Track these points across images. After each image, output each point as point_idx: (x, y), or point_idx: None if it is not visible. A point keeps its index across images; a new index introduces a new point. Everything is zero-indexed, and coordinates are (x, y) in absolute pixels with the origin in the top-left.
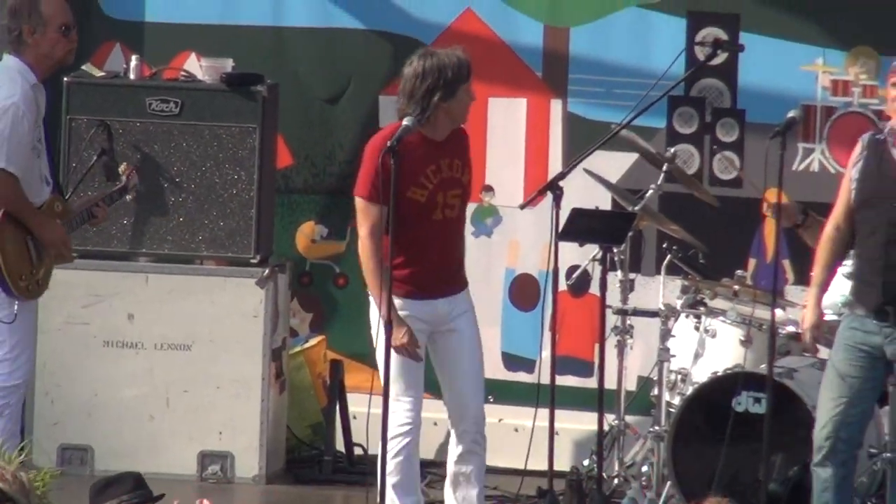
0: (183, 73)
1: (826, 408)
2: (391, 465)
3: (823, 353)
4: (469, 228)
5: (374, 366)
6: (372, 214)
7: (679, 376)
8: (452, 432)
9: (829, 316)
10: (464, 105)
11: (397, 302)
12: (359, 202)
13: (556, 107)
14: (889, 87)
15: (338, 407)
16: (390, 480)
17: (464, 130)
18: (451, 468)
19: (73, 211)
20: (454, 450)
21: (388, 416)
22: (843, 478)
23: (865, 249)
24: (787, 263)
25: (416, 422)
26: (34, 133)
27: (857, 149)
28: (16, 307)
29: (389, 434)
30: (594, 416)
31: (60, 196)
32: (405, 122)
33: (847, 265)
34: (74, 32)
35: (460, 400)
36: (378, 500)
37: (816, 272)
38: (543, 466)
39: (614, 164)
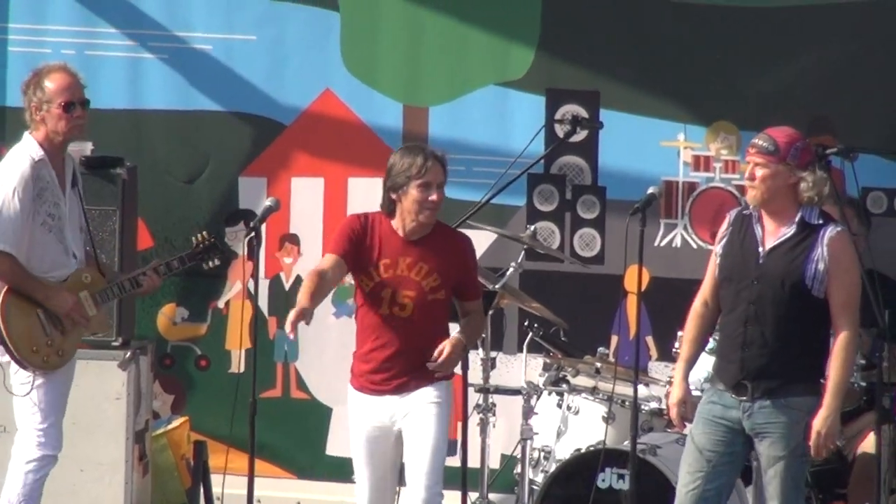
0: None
1: (684, 482)
2: None
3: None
4: (330, 309)
5: (239, 446)
6: (325, 259)
7: (542, 454)
8: None
9: (693, 392)
10: (413, 201)
11: (350, 394)
12: None
13: None
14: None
15: (202, 488)
16: None
17: (462, 239)
18: None
19: (107, 281)
20: None
21: (252, 496)
22: None
23: (726, 326)
24: (650, 340)
25: None
26: (42, 207)
27: (724, 224)
28: (32, 378)
29: None
30: (458, 494)
31: (96, 267)
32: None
33: (713, 341)
34: (79, 109)
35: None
36: None
37: (683, 348)
38: None
39: (475, 242)
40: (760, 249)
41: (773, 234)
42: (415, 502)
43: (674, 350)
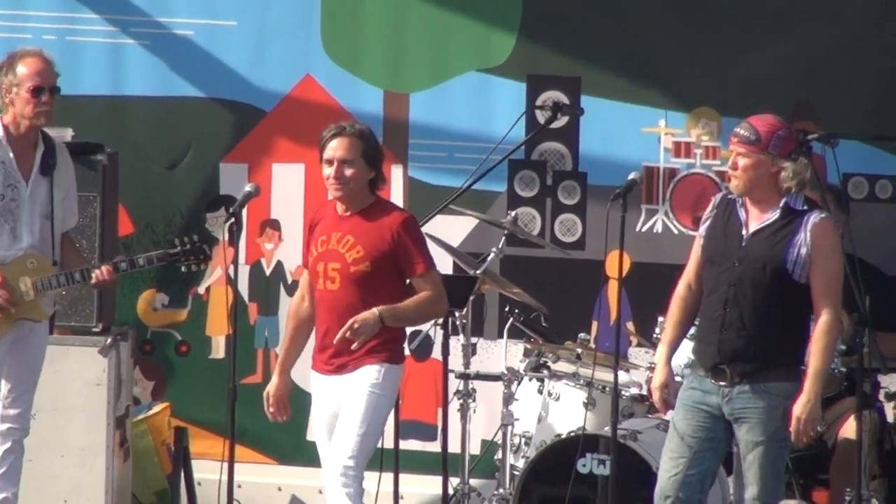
0: None
1: (666, 468)
2: None
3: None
4: None
5: (220, 432)
6: (302, 278)
7: (523, 439)
8: None
9: (675, 378)
10: (324, 177)
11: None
12: None
13: (396, 172)
14: (729, 151)
15: (182, 474)
16: None
17: (396, 213)
18: None
19: (54, 269)
20: None
21: (233, 482)
22: None
23: (707, 308)
24: (630, 325)
25: None
26: None
27: (709, 207)
28: None
29: None
30: (438, 479)
31: (51, 255)
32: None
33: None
34: (48, 95)
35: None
36: None
37: (667, 331)
38: None
39: (456, 228)
40: (744, 232)
41: (756, 218)
42: (331, 481)
43: (654, 335)
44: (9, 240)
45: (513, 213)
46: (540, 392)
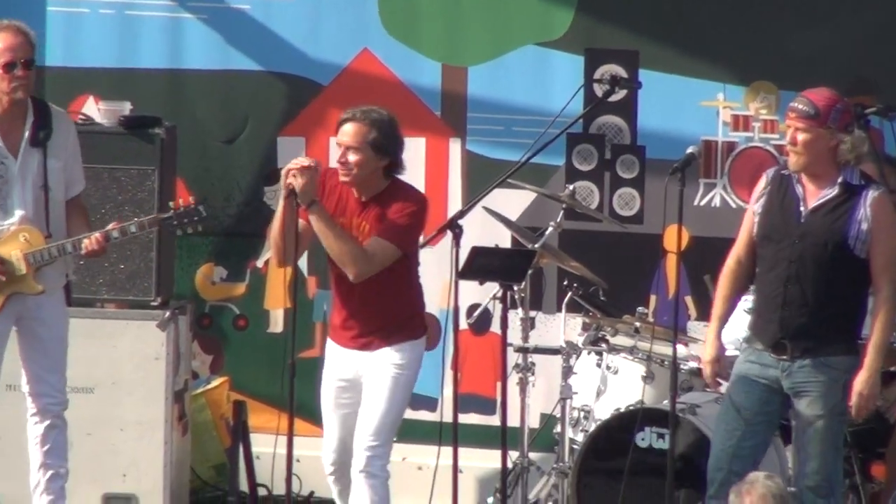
0: (81, 116)
1: (720, 440)
2: None
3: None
4: None
5: (278, 406)
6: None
7: (582, 413)
8: None
9: (732, 352)
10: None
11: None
12: None
13: (454, 146)
14: (787, 126)
15: (241, 447)
16: None
17: (405, 194)
18: None
19: (47, 242)
20: None
21: (292, 456)
22: None
23: (765, 285)
24: (689, 300)
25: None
26: None
27: (762, 183)
28: None
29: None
30: (497, 453)
31: (38, 228)
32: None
33: (748, 300)
34: (21, 69)
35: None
36: None
37: (716, 306)
38: None
39: (514, 202)
40: (802, 209)
41: (814, 194)
42: (357, 460)
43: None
44: (0, 215)
45: (571, 187)
46: (598, 366)
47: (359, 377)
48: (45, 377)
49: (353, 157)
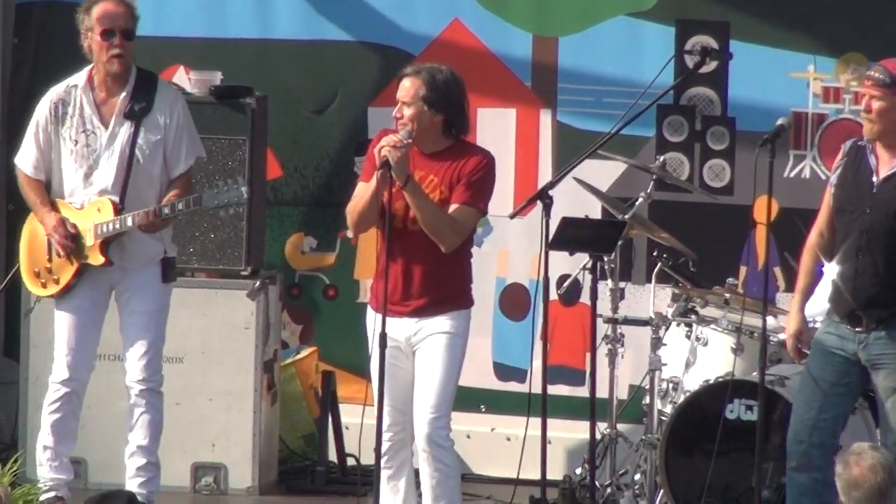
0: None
1: (799, 412)
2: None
3: None
4: None
5: (366, 376)
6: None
7: (671, 385)
8: None
9: (818, 324)
10: None
11: (368, 315)
12: None
13: (545, 117)
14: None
15: (330, 417)
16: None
17: (475, 153)
18: None
19: (115, 216)
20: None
21: (382, 426)
22: (818, 482)
23: (840, 255)
24: (777, 271)
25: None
26: (65, 131)
27: (839, 155)
28: (32, 301)
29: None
30: (586, 424)
31: (116, 203)
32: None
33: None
34: (119, 38)
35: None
36: None
37: (800, 279)
38: (536, 475)
39: (604, 172)
40: (874, 179)
41: (887, 163)
42: (419, 433)
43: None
44: (83, 184)
45: (661, 158)
46: (688, 337)
47: (410, 345)
48: (132, 351)
49: (407, 112)
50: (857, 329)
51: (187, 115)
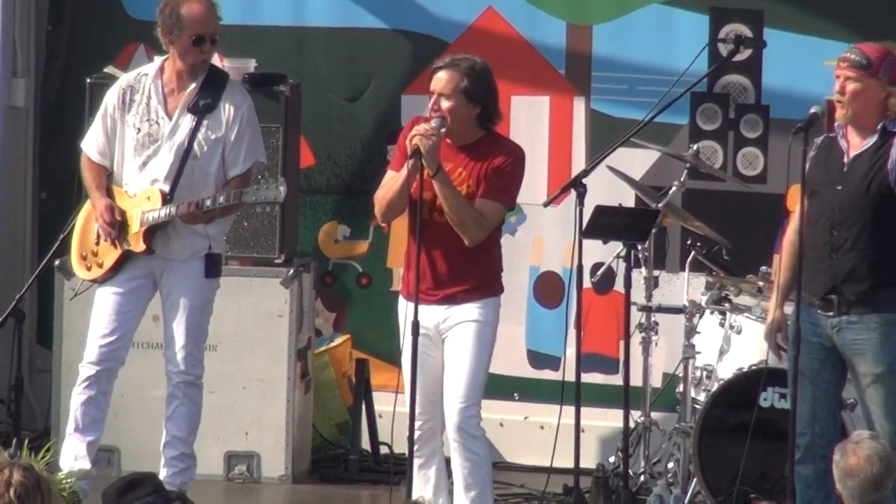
0: None
1: (797, 405)
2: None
3: None
4: None
5: (398, 365)
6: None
7: (704, 373)
8: None
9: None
10: None
11: (399, 303)
12: None
13: (579, 104)
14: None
15: (364, 406)
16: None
17: (506, 147)
18: None
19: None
20: None
21: (414, 415)
22: (823, 473)
23: (814, 237)
24: None
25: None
26: (130, 118)
27: (811, 149)
28: (79, 285)
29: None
30: (620, 412)
31: (165, 192)
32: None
33: None
34: (208, 45)
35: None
36: (405, 498)
37: (780, 275)
38: (569, 464)
39: (638, 161)
40: (845, 159)
41: (857, 145)
42: (449, 423)
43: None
44: (139, 172)
45: (695, 147)
46: (721, 325)
47: (439, 332)
48: (170, 343)
49: (445, 104)
50: (828, 314)
51: (252, 117)
